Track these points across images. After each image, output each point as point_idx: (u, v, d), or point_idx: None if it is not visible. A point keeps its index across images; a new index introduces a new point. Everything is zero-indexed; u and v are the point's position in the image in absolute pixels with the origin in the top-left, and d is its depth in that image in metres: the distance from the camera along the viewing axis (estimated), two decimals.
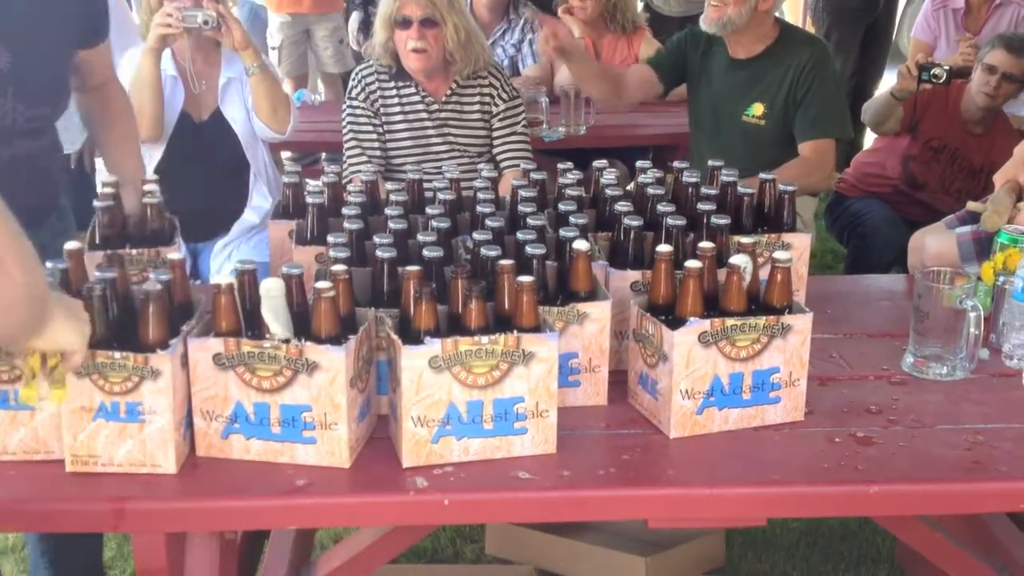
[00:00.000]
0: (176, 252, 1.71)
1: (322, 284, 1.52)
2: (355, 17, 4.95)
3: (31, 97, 1.99)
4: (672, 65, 3.34)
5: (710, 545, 2.54)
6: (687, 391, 1.63)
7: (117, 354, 1.48)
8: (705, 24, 3.15)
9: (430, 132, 3.19)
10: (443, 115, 3.19)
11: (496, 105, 3.22)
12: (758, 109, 3.14)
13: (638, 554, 2.42)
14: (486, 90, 3.22)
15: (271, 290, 1.52)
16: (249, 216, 3.23)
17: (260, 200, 3.25)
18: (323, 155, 4.43)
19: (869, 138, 4.66)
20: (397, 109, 3.17)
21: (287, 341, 1.51)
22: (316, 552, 2.42)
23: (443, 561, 2.62)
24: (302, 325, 1.55)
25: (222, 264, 3.13)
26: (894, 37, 5.88)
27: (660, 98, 3.55)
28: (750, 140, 3.17)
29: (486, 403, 1.56)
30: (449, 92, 3.19)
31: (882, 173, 3.67)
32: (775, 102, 3.11)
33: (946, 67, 3.51)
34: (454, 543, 2.67)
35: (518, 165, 3.00)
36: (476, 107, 3.21)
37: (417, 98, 3.18)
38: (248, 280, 1.58)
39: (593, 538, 2.49)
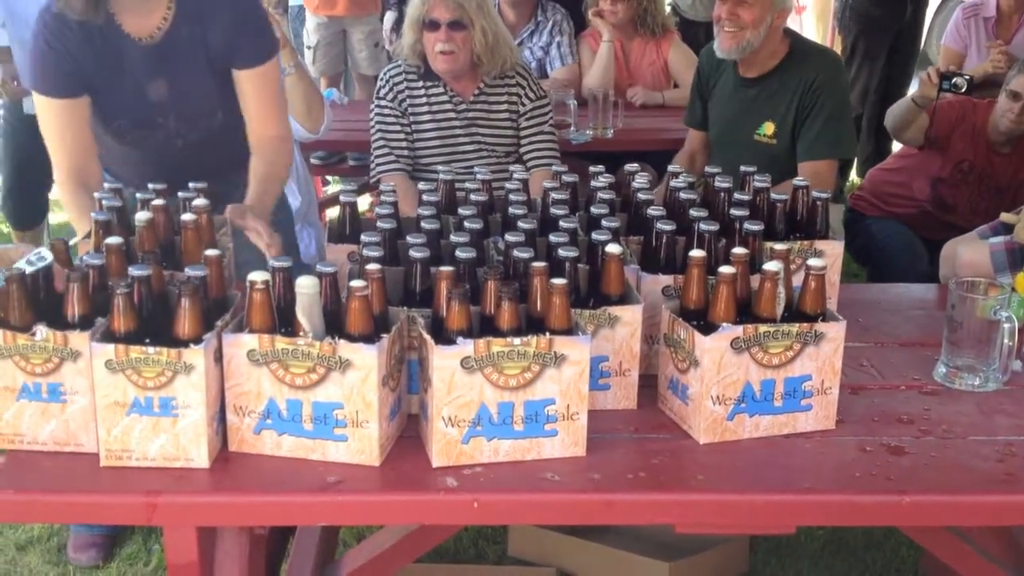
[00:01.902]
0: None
1: (357, 283, 1.53)
2: (389, 17, 4.97)
3: (189, 117, 2.32)
4: (703, 111, 3.35)
5: (734, 551, 2.54)
6: (718, 397, 1.63)
7: (151, 349, 1.49)
8: (722, 51, 3.09)
9: (458, 132, 3.20)
10: (471, 115, 3.20)
11: (523, 104, 3.22)
12: (769, 128, 3.11)
13: (662, 559, 2.42)
14: (514, 90, 3.22)
15: (305, 287, 1.53)
16: None
17: (289, 198, 3.25)
18: (348, 155, 4.45)
19: (897, 145, 4.64)
20: (425, 109, 3.18)
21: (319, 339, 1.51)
22: (340, 550, 2.43)
23: (465, 561, 2.62)
24: (335, 323, 1.55)
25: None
26: (922, 46, 5.84)
27: None
28: (761, 159, 3.09)
29: (517, 404, 1.56)
30: (477, 92, 3.20)
31: (908, 194, 3.59)
32: (785, 121, 3.07)
33: (967, 77, 3.47)
34: (476, 544, 2.68)
35: (549, 165, 3.01)
36: (504, 107, 3.22)
37: (445, 98, 3.19)
38: (283, 277, 1.59)
39: (616, 542, 2.49)
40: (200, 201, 1.86)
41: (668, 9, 4.71)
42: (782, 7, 3.01)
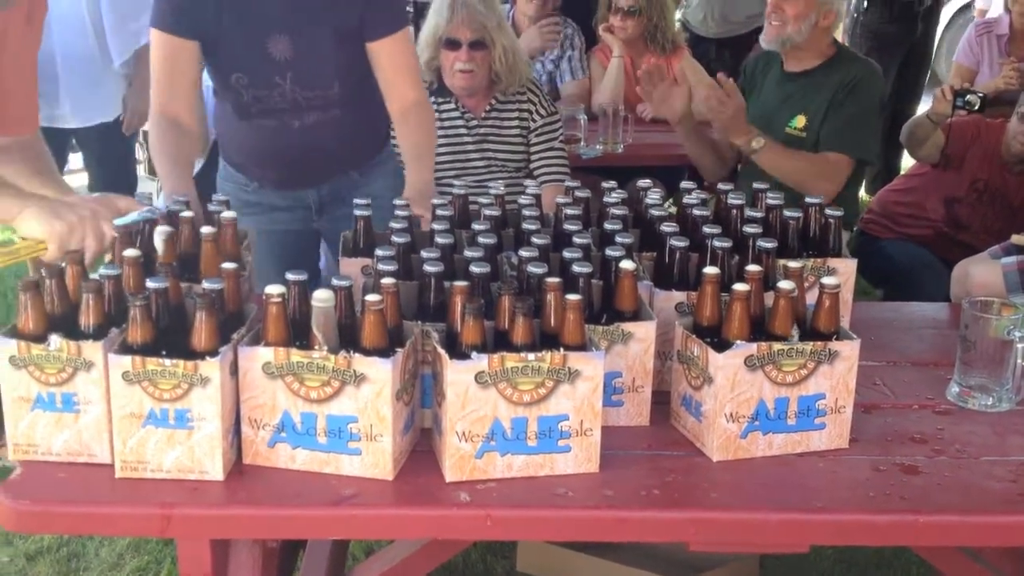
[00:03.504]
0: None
1: (372, 297, 1.53)
2: None
3: (306, 81, 2.37)
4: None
5: (744, 568, 2.53)
6: (731, 414, 1.63)
7: (167, 361, 1.50)
8: (765, 41, 3.23)
9: (469, 148, 3.21)
10: (482, 131, 3.21)
11: (534, 120, 3.23)
12: (800, 121, 3.19)
13: None
14: (524, 105, 3.24)
15: (320, 301, 1.53)
16: None
17: None
18: None
19: (906, 164, 4.64)
20: (436, 124, 3.19)
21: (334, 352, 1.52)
22: (349, 563, 2.43)
23: None
24: (350, 337, 1.56)
25: None
26: (932, 62, 5.85)
27: None
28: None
29: (531, 420, 1.56)
30: (488, 108, 3.21)
31: (921, 214, 3.57)
32: (816, 115, 3.16)
33: (980, 95, 3.48)
34: (485, 559, 2.67)
35: (560, 181, 3.03)
36: (515, 122, 3.23)
37: (456, 114, 3.20)
38: (299, 290, 1.59)
39: (626, 558, 2.48)
40: (227, 214, 1.87)
41: (678, 25, 4.73)
42: (829, 8, 3.13)
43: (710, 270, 1.69)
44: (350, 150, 2.53)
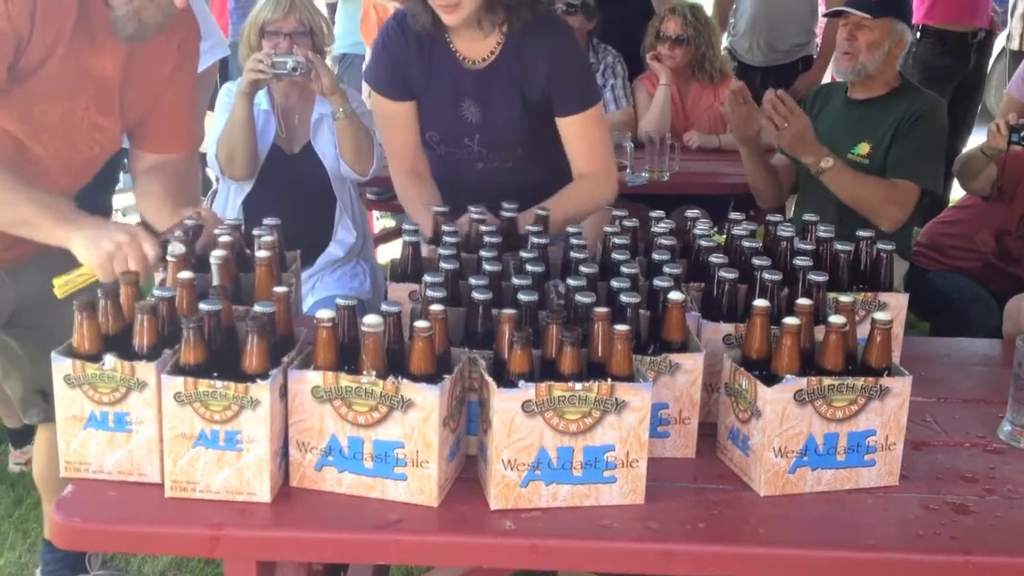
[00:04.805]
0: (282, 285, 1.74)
1: (421, 323, 1.54)
2: None
3: (492, 144, 2.49)
4: None
5: None
6: (780, 449, 1.61)
7: (218, 383, 1.52)
8: (838, 71, 3.24)
9: None
10: None
11: None
12: (864, 148, 3.19)
13: None
14: None
15: (370, 326, 1.54)
16: (334, 249, 3.28)
17: (344, 234, 3.30)
18: None
19: (955, 194, 4.57)
20: None
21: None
22: None
23: None
24: (398, 363, 1.57)
25: (306, 296, 3.18)
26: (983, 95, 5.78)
27: None
28: None
29: (576, 450, 1.56)
30: None
31: (969, 246, 3.54)
32: (881, 142, 3.15)
33: None
34: None
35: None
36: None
37: None
38: (348, 315, 1.60)
39: None
40: (270, 238, 1.89)
41: (725, 54, 4.73)
42: (900, 37, 3.15)
43: (760, 303, 1.68)
44: (530, 194, 2.47)
